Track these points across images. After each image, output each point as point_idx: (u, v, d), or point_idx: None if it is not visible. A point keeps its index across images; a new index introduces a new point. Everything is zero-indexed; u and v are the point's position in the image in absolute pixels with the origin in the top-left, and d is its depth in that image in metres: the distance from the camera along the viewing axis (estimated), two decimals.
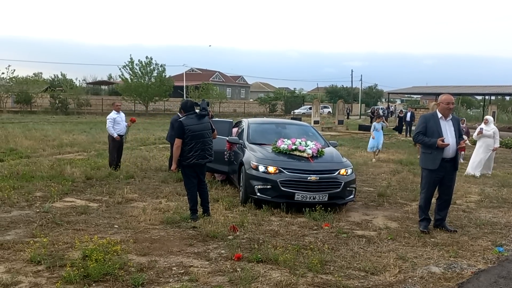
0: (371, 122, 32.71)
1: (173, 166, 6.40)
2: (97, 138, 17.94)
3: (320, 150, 7.59)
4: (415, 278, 4.24)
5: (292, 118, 27.36)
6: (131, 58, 38.30)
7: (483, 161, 11.25)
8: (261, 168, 7.16)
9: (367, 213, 7.20)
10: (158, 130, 23.01)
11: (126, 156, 11.41)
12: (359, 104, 57.87)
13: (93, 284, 3.98)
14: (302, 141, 7.69)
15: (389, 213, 7.18)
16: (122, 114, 10.68)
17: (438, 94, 33.77)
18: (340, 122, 26.84)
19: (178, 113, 10.63)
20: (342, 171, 7.29)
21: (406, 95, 77.04)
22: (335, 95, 68.20)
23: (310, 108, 50.97)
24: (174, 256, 4.81)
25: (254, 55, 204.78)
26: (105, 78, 66.74)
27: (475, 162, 11.27)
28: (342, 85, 74.54)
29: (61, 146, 14.74)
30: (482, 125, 11.58)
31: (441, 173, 5.81)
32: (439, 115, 5.89)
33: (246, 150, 7.97)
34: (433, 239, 5.60)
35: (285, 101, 52.69)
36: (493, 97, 32.83)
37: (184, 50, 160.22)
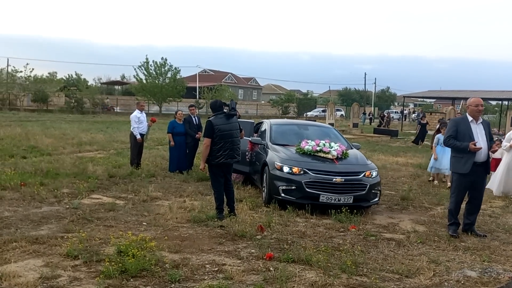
0: (380, 126, 32.49)
1: (202, 166, 6.44)
2: (114, 137, 18.12)
3: (344, 152, 7.58)
4: (451, 282, 4.21)
5: (306, 119, 27.33)
6: (146, 59, 38.69)
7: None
8: (286, 169, 7.17)
9: (392, 216, 7.17)
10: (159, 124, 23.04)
11: (144, 155, 11.50)
12: (372, 107, 57.56)
13: (131, 280, 4.03)
14: (326, 142, 7.69)
15: (415, 216, 7.14)
16: (144, 114, 10.80)
17: (453, 99, 33.53)
18: (355, 125, 26.73)
19: (190, 115, 10.70)
20: (367, 173, 7.27)
21: (420, 99, 76.53)
22: (348, 98, 68.02)
23: (323, 111, 51.14)
24: (206, 254, 4.85)
25: (266, 57, 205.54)
26: (118, 78, 67.38)
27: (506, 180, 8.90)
28: (355, 88, 74.25)
29: (80, 145, 14.92)
30: None
31: (472, 177, 5.77)
32: (470, 118, 5.85)
33: (269, 150, 7.99)
34: (463, 243, 5.56)
35: (298, 103, 52.65)
36: (511, 102, 32.42)
37: (196, 51, 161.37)
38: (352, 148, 8.34)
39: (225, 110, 6.39)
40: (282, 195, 7.09)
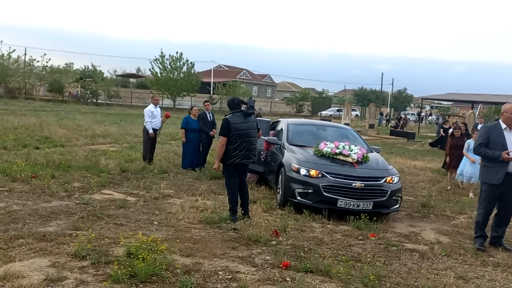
0: (396, 128, 31.68)
1: (216, 165, 6.20)
2: (127, 131, 18.03)
3: (365, 155, 7.28)
4: None
5: (321, 118, 26.96)
6: (162, 52, 38.58)
7: None
8: (303, 171, 6.90)
9: (413, 224, 6.85)
10: (173, 119, 22.87)
11: (157, 150, 11.33)
12: (388, 108, 56.78)
13: (140, 285, 3.81)
14: (345, 145, 7.39)
15: (437, 225, 6.82)
16: (158, 108, 10.60)
17: (472, 102, 32.78)
18: (371, 126, 26.28)
19: (205, 111, 10.45)
20: (389, 179, 6.96)
21: (436, 101, 75.30)
22: (364, 98, 67.21)
23: (338, 110, 50.59)
24: (219, 260, 4.61)
25: (281, 54, 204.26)
26: (133, 71, 67.57)
27: None
28: (371, 88, 73.33)
29: (93, 137, 14.82)
30: None
31: (503, 188, 5.42)
32: (503, 125, 5.49)
33: (285, 151, 7.72)
34: (491, 258, 5.23)
35: (312, 102, 52.17)
36: None
37: (212, 47, 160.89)
38: (372, 152, 8.03)
39: (243, 108, 6.13)
40: (298, 198, 6.82)
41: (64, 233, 4.94)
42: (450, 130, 16.59)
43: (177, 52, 39.15)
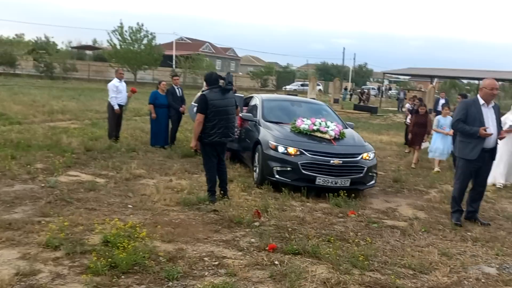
0: (360, 103, 32.00)
1: (193, 143, 5.92)
2: (88, 106, 17.23)
3: (341, 132, 7.21)
4: (471, 280, 3.94)
5: (287, 93, 26.86)
6: (121, 23, 36.91)
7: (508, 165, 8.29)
8: (281, 149, 6.74)
9: (388, 200, 6.91)
10: (140, 95, 22.02)
11: (122, 127, 10.85)
12: (350, 83, 57.49)
13: (122, 277, 3.56)
14: (322, 121, 7.29)
15: (411, 200, 6.91)
16: (124, 83, 10.09)
17: (432, 77, 33.66)
18: (336, 101, 26.44)
19: (173, 85, 9.99)
20: (365, 155, 6.94)
21: (394, 76, 77.04)
22: (326, 73, 67.71)
23: (302, 85, 50.61)
24: (202, 244, 4.42)
25: (243, 27, 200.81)
26: (90, 43, 64.46)
27: (505, 168, 8.21)
28: (333, 63, 73.92)
29: (52, 113, 14.05)
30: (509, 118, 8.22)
31: (479, 163, 5.49)
32: (481, 101, 5.51)
33: (261, 128, 7.53)
34: (469, 233, 5.32)
35: (277, 76, 51.95)
36: None
37: (172, 18, 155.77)
38: (347, 128, 7.98)
39: (220, 84, 5.84)
40: (277, 176, 6.69)
41: (32, 221, 4.57)
42: (407, 105, 15.95)
43: (137, 23, 37.63)
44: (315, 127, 7.08)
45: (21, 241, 4.07)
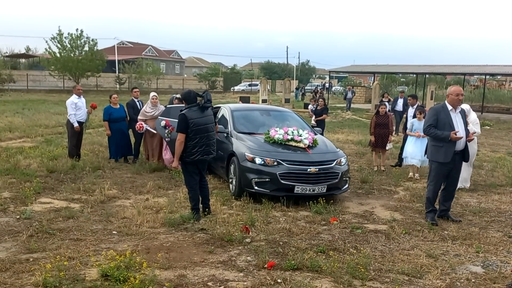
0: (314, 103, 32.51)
1: (175, 163, 5.84)
2: (35, 121, 16.34)
3: (314, 139, 7.40)
4: (462, 281, 4.22)
5: (240, 98, 26.94)
6: (59, 30, 35.18)
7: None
8: (258, 160, 6.82)
9: (362, 202, 7.19)
10: (98, 110, 21.29)
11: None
12: (295, 82, 58.60)
13: None
14: (294, 130, 7.44)
15: (383, 201, 7.23)
16: (83, 99, 9.69)
17: (375, 73, 35.13)
18: (287, 101, 26.88)
19: (133, 98, 9.75)
20: (338, 161, 7.18)
21: (335, 73, 79.41)
22: (271, 72, 68.52)
23: (249, 85, 50.86)
24: (201, 268, 4.39)
25: (184, 29, 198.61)
26: (23, 51, 60.83)
27: (466, 171, 7.85)
28: (278, 62, 74.97)
29: None
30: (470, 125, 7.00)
31: (451, 165, 5.88)
32: (449, 107, 5.90)
33: (233, 139, 7.56)
34: (446, 232, 5.68)
35: (224, 78, 51.88)
36: (427, 76, 34.80)
37: (111, 21, 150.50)
38: (316, 134, 8.19)
39: (198, 102, 5.80)
40: (256, 188, 6.76)
41: (19, 259, 4.32)
42: (310, 107, 14.42)
43: (77, 29, 36.05)
44: (289, 137, 7.22)
45: (14, 284, 3.84)
